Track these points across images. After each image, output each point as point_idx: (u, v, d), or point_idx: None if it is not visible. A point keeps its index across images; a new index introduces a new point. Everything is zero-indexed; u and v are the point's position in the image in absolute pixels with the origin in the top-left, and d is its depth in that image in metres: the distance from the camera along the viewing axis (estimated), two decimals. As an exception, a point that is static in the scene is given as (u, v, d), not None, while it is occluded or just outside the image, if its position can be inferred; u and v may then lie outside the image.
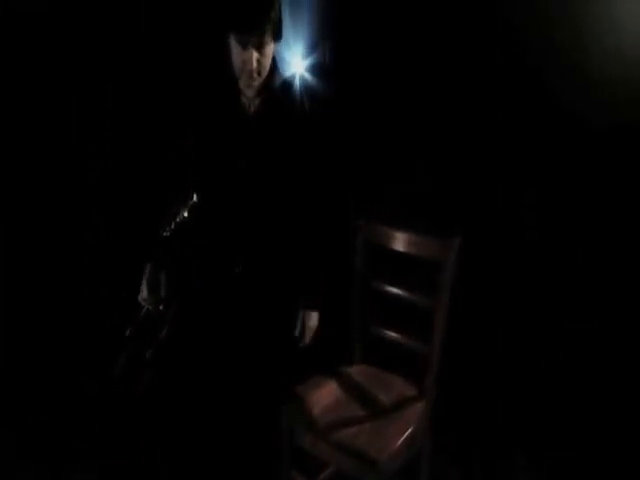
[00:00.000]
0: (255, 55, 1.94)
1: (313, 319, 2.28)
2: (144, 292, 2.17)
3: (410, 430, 2.09)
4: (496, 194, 3.09)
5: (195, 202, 2.17)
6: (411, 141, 3.14)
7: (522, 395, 2.99)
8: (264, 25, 1.91)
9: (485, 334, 3.09)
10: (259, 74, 1.98)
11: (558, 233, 3.04)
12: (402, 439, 2.04)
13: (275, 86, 2.08)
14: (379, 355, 2.37)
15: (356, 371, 2.36)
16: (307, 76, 2.90)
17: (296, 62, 2.88)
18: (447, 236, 2.11)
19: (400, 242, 2.22)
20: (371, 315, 2.35)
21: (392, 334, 2.31)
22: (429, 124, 3.10)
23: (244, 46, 1.93)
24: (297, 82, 2.15)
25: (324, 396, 2.22)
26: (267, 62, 1.99)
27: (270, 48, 1.97)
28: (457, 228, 2.15)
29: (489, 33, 2.88)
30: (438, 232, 2.15)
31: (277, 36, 1.99)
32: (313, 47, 2.94)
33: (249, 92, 2.04)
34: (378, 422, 2.10)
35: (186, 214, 2.17)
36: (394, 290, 2.27)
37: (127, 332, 2.23)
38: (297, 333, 2.27)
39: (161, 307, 2.19)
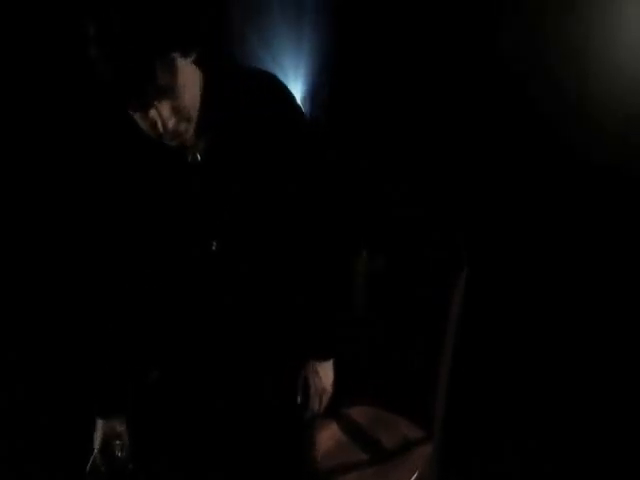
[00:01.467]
0: (165, 108, 1.30)
1: (324, 375, 1.67)
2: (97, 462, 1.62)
3: (415, 475, 1.98)
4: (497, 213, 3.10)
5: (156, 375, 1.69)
6: (411, 166, 3.14)
7: (522, 404, 2.93)
8: (154, 74, 1.23)
9: (483, 341, 3.03)
10: (188, 120, 1.35)
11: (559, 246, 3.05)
12: (407, 485, 1.94)
13: (225, 103, 1.41)
14: (381, 395, 2.27)
15: (357, 412, 2.24)
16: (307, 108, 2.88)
17: (295, 94, 2.86)
18: (451, 268, 2.04)
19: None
20: (372, 354, 2.26)
21: (395, 373, 2.22)
22: (429, 152, 3.10)
23: (142, 110, 1.30)
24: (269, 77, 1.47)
25: (324, 439, 2.11)
26: (190, 97, 1.34)
27: (184, 75, 1.30)
28: (460, 254, 2.09)
29: (488, 65, 2.91)
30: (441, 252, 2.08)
31: (186, 46, 1.31)
32: (313, 79, 2.91)
33: (188, 141, 1.41)
34: (381, 467, 2.00)
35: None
36: (396, 328, 2.19)
37: None
38: (300, 399, 1.70)
39: (130, 465, 1.64)
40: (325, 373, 1.69)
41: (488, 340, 3.02)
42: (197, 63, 1.38)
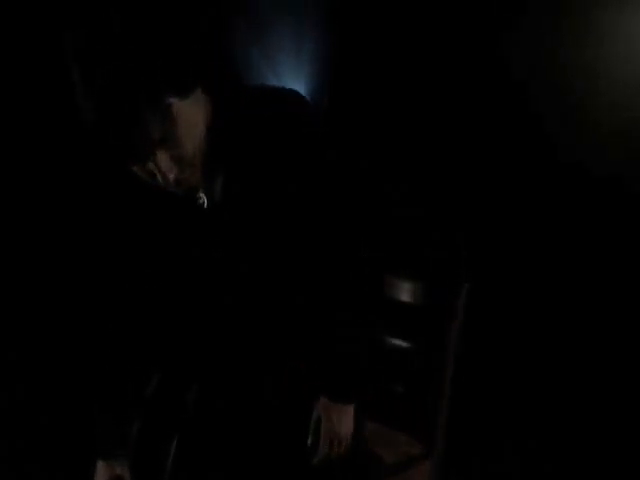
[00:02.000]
0: (164, 159, 1.14)
1: (338, 422, 1.47)
2: None
3: (417, 492, 1.98)
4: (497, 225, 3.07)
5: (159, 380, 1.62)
6: (411, 166, 3.11)
7: (522, 404, 2.92)
8: (146, 128, 1.09)
9: (482, 341, 2.98)
10: (191, 165, 1.20)
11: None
12: (408, 503, 1.94)
13: (236, 133, 1.27)
14: (381, 410, 2.26)
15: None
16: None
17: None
18: (454, 281, 2.02)
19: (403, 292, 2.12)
20: (372, 368, 2.24)
21: (395, 387, 2.21)
22: (430, 153, 3.08)
23: (137, 164, 1.17)
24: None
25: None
26: (193, 140, 1.18)
27: (183, 118, 1.14)
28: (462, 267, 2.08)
29: (488, 65, 2.88)
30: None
31: (183, 86, 1.15)
32: (313, 89, 2.87)
33: (195, 183, 1.27)
34: (383, 484, 1.99)
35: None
36: (397, 342, 2.17)
37: None
38: (310, 440, 1.51)
39: None
40: (340, 419, 1.50)
41: (488, 340, 3.01)
42: (201, 92, 1.23)
